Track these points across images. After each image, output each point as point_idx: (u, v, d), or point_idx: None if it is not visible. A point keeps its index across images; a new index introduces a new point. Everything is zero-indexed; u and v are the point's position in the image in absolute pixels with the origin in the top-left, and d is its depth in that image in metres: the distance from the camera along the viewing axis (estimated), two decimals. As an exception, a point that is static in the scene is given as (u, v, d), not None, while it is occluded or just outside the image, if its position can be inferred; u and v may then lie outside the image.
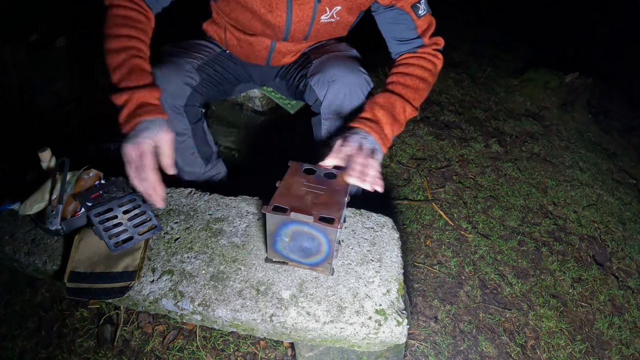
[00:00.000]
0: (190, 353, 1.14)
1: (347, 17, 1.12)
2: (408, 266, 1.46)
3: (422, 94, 1.10)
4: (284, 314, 0.88)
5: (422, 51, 1.12)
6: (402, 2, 1.07)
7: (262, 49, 1.22)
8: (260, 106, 1.61)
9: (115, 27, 0.96)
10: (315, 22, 1.09)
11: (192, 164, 1.30)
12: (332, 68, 1.14)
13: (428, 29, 1.12)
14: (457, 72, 2.90)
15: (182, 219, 1.08)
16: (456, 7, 4.04)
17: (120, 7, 0.98)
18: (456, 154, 2.05)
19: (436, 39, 1.13)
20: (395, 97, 1.04)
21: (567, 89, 2.75)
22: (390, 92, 1.06)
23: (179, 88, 1.13)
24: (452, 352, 1.24)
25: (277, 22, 1.08)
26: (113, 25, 0.96)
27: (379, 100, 1.04)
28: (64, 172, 1.03)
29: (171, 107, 1.13)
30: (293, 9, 1.05)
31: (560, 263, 1.59)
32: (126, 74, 0.92)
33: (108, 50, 0.94)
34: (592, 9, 4.38)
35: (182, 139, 1.22)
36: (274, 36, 1.15)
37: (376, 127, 0.98)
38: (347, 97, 1.12)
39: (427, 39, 1.12)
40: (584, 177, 2.11)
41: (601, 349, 1.35)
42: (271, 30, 1.12)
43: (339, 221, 0.83)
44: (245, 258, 0.98)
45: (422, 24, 1.11)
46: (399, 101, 1.04)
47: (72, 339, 1.15)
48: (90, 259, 0.95)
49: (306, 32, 1.13)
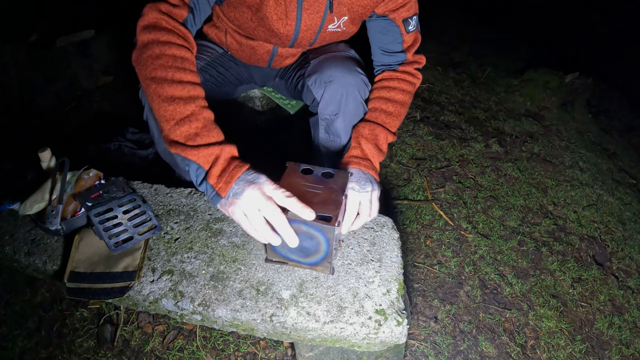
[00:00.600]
0: (190, 353, 1.14)
1: (352, 27, 1.13)
2: (408, 266, 1.46)
3: (401, 118, 1.15)
4: (284, 314, 0.88)
5: (403, 69, 1.15)
6: (394, 14, 1.09)
7: (264, 53, 1.22)
8: (260, 106, 1.61)
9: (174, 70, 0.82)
10: (323, 30, 1.10)
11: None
12: (329, 68, 1.14)
13: (413, 46, 1.15)
14: (457, 72, 2.90)
15: (182, 219, 1.08)
16: (456, 7, 4.04)
17: (172, 45, 0.84)
18: (456, 154, 2.05)
19: (419, 57, 1.17)
20: (379, 128, 1.08)
21: (567, 89, 2.75)
22: (373, 123, 1.10)
23: None
24: (452, 352, 1.24)
25: (286, 31, 1.08)
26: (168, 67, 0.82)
27: (364, 132, 1.08)
28: (64, 172, 1.03)
29: None
30: (302, 18, 1.05)
31: (560, 263, 1.59)
32: (202, 128, 0.81)
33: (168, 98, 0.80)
34: (592, 9, 4.38)
35: None
36: (279, 43, 1.15)
37: (369, 164, 1.04)
38: (344, 98, 1.12)
39: (411, 55, 1.15)
40: (584, 177, 2.11)
41: (601, 349, 1.35)
42: (277, 38, 1.11)
43: (336, 219, 0.83)
44: (245, 258, 0.98)
45: (409, 40, 1.13)
46: (382, 132, 1.08)
47: (72, 339, 1.15)
48: (90, 259, 0.95)
49: (312, 40, 1.14)
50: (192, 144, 0.80)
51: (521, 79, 2.82)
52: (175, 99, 0.80)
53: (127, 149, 1.62)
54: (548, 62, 3.03)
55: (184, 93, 0.81)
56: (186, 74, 0.84)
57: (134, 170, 1.52)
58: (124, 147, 1.62)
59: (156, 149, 1.26)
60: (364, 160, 1.05)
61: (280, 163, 0.99)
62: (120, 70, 2.17)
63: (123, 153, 1.61)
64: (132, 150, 1.62)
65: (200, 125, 0.81)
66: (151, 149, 1.64)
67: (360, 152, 1.06)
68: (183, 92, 0.81)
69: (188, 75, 0.84)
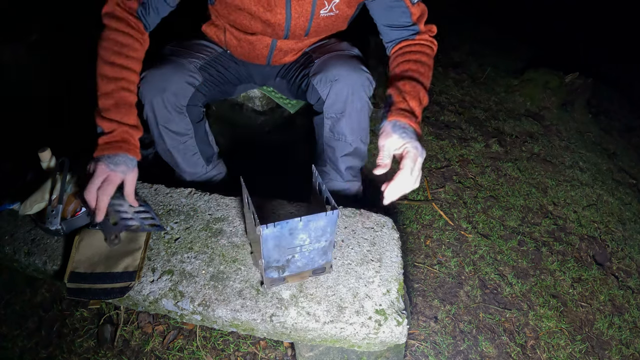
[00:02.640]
0: (190, 353, 1.14)
1: (346, 10, 1.11)
2: (408, 266, 1.46)
3: (429, 83, 1.10)
4: (284, 314, 0.88)
5: (420, 38, 1.11)
6: None
7: (262, 48, 1.22)
8: (260, 106, 1.61)
9: (110, 53, 0.97)
10: (315, 16, 1.09)
11: (194, 165, 1.30)
12: (334, 67, 1.14)
13: (422, 16, 1.12)
14: (457, 72, 2.90)
15: (182, 219, 1.08)
16: (456, 7, 4.04)
17: (118, 32, 0.99)
18: (456, 154, 2.05)
19: (430, 26, 1.13)
20: (418, 85, 1.02)
21: (567, 89, 2.75)
22: (411, 79, 1.03)
23: (182, 87, 1.13)
24: (452, 352, 1.24)
25: (277, 20, 1.08)
26: (108, 49, 0.98)
27: (407, 88, 1.01)
28: (64, 172, 1.03)
29: (173, 107, 1.13)
30: (292, 6, 1.05)
31: (560, 263, 1.59)
32: (114, 105, 0.95)
33: (99, 74, 0.96)
34: (592, 9, 4.38)
35: (184, 140, 1.22)
36: (274, 34, 1.15)
37: (413, 119, 0.97)
38: (349, 96, 1.13)
39: (423, 26, 1.12)
40: (584, 177, 2.11)
41: (601, 349, 1.35)
42: (271, 29, 1.12)
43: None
44: (245, 258, 0.98)
45: (416, 11, 1.10)
46: (422, 90, 1.02)
47: (72, 339, 1.15)
48: (91, 259, 0.95)
49: (306, 28, 1.13)
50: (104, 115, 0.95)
51: (521, 79, 2.81)
52: (103, 76, 0.96)
53: (127, 149, 1.62)
54: (548, 62, 3.03)
55: (110, 73, 0.96)
56: (119, 58, 0.97)
57: (134, 170, 1.52)
58: (124, 147, 1.62)
59: (156, 149, 1.27)
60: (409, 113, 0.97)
61: (281, 163, 0.99)
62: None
63: (123, 153, 1.61)
64: (132, 150, 1.62)
65: (113, 102, 0.96)
66: (151, 149, 1.63)
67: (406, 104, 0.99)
68: (110, 72, 0.96)
69: (120, 59, 0.97)
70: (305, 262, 0.90)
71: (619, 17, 4.35)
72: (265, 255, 0.83)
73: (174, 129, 1.18)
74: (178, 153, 1.25)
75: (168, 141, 1.21)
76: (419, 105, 1.01)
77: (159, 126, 1.16)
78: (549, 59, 3.33)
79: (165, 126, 1.16)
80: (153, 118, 1.14)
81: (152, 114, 1.13)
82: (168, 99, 1.11)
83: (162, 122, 1.15)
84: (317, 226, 0.82)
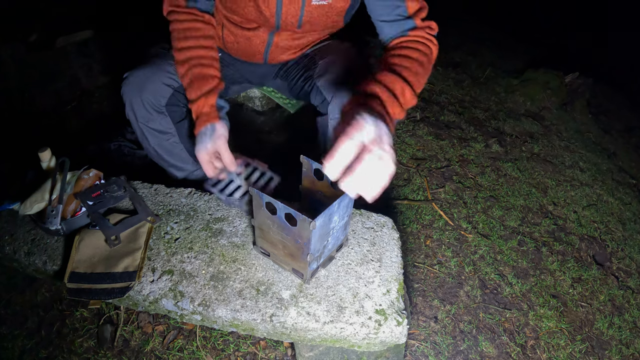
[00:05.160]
0: (190, 353, 1.14)
1: (339, 0, 1.10)
2: (408, 266, 1.46)
3: (421, 80, 0.97)
4: (284, 314, 0.88)
5: (415, 34, 1.02)
6: None
7: (259, 43, 1.22)
8: (260, 106, 1.61)
9: (178, 40, 1.08)
10: (307, 4, 1.09)
11: (181, 161, 1.30)
12: (340, 69, 1.15)
13: (420, 11, 1.05)
14: (457, 72, 2.90)
15: (182, 219, 1.08)
16: (456, 7, 4.04)
17: (179, 22, 1.09)
18: (456, 154, 2.05)
19: (429, 23, 1.06)
20: (393, 76, 0.91)
21: (567, 89, 2.75)
22: (388, 71, 0.93)
23: (159, 88, 1.14)
24: (452, 352, 1.24)
25: (269, 10, 1.09)
26: (176, 39, 1.09)
27: (376, 77, 0.90)
28: (64, 172, 1.03)
29: (152, 107, 1.14)
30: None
31: (560, 263, 1.59)
32: (188, 84, 1.05)
33: (176, 62, 1.08)
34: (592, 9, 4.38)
35: (167, 137, 1.23)
36: (267, 24, 1.15)
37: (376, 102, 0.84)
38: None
39: (419, 21, 1.04)
40: (584, 177, 2.11)
41: (601, 349, 1.35)
42: (263, 17, 1.12)
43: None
44: (245, 258, 0.98)
45: (413, 5, 1.04)
46: (398, 81, 0.90)
47: (72, 339, 1.15)
48: (91, 259, 0.95)
49: (298, 17, 1.12)
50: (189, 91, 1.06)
51: (521, 79, 2.82)
52: (178, 63, 1.08)
53: (127, 149, 1.62)
54: (548, 62, 3.03)
55: (182, 57, 1.07)
56: (185, 42, 1.07)
57: (134, 170, 1.52)
58: (123, 147, 1.62)
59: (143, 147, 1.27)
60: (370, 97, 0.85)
61: (280, 163, 0.99)
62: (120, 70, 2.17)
63: (123, 153, 1.61)
64: (132, 150, 1.62)
65: (187, 81, 1.06)
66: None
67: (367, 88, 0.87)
68: (181, 56, 1.07)
69: (186, 42, 1.07)
70: (334, 243, 0.94)
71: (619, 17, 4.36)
72: (312, 248, 0.85)
73: (156, 128, 1.20)
74: (163, 150, 1.26)
75: (151, 139, 1.22)
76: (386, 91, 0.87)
77: (140, 125, 1.17)
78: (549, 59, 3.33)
79: (147, 125, 1.17)
80: (134, 117, 1.16)
81: (133, 113, 1.15)
82: (146, 99, 1.12)
83: (143, 121, 1.17)
84: (343, 204, 0.87)
